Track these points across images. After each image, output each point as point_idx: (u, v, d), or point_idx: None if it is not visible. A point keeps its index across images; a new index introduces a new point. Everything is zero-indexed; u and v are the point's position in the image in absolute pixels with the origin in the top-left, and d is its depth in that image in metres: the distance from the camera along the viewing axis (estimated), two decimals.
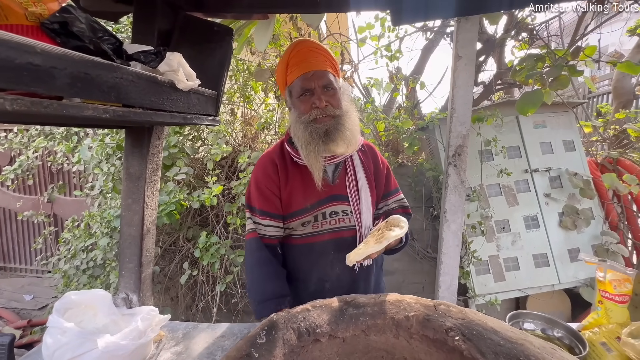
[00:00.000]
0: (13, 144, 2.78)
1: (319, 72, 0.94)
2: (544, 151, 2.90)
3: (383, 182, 1.12)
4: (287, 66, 0.98)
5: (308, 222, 1.04)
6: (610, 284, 1.04)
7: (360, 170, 1.07)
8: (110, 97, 0.57)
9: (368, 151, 1.13)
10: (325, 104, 0.94)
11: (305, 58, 0.95)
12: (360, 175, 1.06)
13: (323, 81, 0.95)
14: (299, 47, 0.98)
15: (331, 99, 0.96)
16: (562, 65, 1.56)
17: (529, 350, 0.57)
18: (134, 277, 1.09)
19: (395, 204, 1.15)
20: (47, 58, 0.45)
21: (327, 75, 0.96)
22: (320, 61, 0.95)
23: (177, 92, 0.74)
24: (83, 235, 2.24)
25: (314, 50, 0.97)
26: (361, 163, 1.08)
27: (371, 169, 1.10)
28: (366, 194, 1.05)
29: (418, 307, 0.74)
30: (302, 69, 0.94)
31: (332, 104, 0.96)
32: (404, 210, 1.15)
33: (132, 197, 1.01)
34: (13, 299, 4.09)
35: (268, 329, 0.66)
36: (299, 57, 0.96)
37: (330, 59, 0.99)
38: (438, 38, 3.45)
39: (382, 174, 1.12)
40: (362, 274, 1.08)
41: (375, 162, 1.12)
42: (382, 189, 1.13)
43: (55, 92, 0.48)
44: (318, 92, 0.94)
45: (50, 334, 0.97)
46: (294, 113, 1.00)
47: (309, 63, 0.94)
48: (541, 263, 2.71)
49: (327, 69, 0.96)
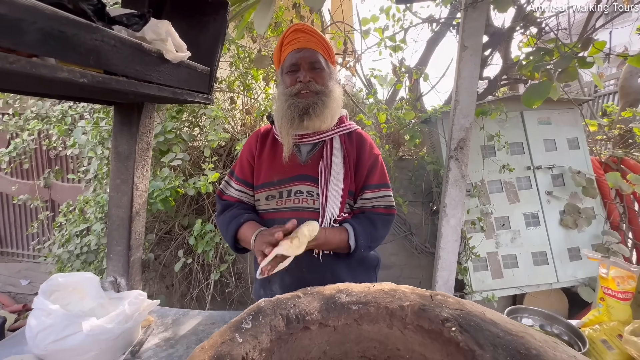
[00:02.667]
0: (9, 126, 2.74)
1: (309, 50, 0.99)
2: (548, 148, 2.85)
3: (365, 172, 1.05)
4: (282, 44, 1.02)
5: (273, 197, 1.04)
6: (613, 281, 1.00)
7: (338, 155, 1.03)
8: (88, 60, 0.52)
9: (355, 138, 1.08)
10: (309, 79, 0.97)
11: (298, 38, 0.99)
12: (337, 159, 1.02)
13: (311, 59, 0.98)
14: (295, 27, 1.02)
15: (316, 76, 0.99)
16: (571, 57, 1.51)
17: (530, 343, 0.53)
18: (122, 261, 1.06)
19: (377, 202, 1.06)
20: (14, 8, 0.41)
21: (316, 54, 0.99)
22: (312, 42, 1.00)
23: (166, 63, 0.70)
24: (77, 220, 2.21)
25: (309, 32, 1.01)
26: (341, 147, 1.04)
27: (352, 156, 1.05)
28: (337, 178, 1.00)
29: (414, 296, 0.71)
30: (294, 45, 0.99)
31: (315, 80, 0.99)
32: (385, 210, 1.06)
33: (121, 178, 0.97)
34: (9, 283, 4.09)
35: (254, 314, 0.63)
36: (293, 36, 1.00)
37: (323, 43, 1.02)
38: (444, 30, 3.38)
39: (365, 164, 1.05)
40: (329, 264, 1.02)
41: (361, 150, 1.06)
42: (363, 180, 1.06)
43: (25, 48, 0.44)
44: (304, 67, 0.98)
45: (35, 315, 0.95)
46: (280, 86, 1.05)
47: (301, 41, 0.99)
48: (540, 261, 2.68)
49: (317, 50, 1.00)
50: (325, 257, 1.02)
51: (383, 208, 1.05)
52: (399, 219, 2.71)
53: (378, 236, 1.02)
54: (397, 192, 2.57)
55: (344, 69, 2.91)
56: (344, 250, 0.99)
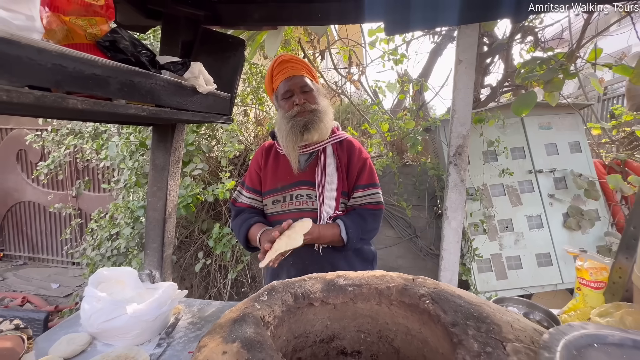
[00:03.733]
0: (46, 142, 3.04)
1: (297, 77, 1.15)
2: (549, 152, 2.93)
3: (355, 174, 1.19)
4: (272, 76, 1.18)
5: (278, 201, 1.20)
6: (587, 272, 1.12)
7: (332, 161, 1.18)
8: (147, 98, 0.72)
9: (346, 145, 1.23)
10: (303, 101, 1.14)
11: (285, 67, 1.16)
12: (330, 165, 1.17)
13: (300, 83, 1.15)
14: (280, 59, 1.18)
15: (308, 97, 1.15)
16: (556, 69, 1.64)
17: (483, 309, 0.68)
18: (157, 256, 1.25)
19: (365, 200, 1.19)
20: (105, 69, 0.60)
21: (304, 79, 1.16)
22: (298, 68, 1.16)
23: (198, 94, 0.89)
24: (108, 226, 2.44)
25: (292, 61, 1.17)
26: (334, 154, 1.19)
27: (344, 161, 1.19)
28: (332, 181, 1.15)
29: (399, 279, 0.86)
30: (284, 74, 1.15)
31: (308, 100, 1.15)
32: (373, 206, 1.19)
33: (157, 186, 1.17)
34: (41, 286, 4.40)
35: (269, 291, 0.79)
36: (281, 66, 1.16)
37: (306, 67, 1.19)
38: (445, 41, 3.53)
39: (355, 167, 1.19)
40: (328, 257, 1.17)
41: (351, 155, 1.21)
42: (354, 181, 1.20)
43: (109, 95, 0.63)
44: (297, 92, 1.14)
45: (87, 301, 1.14)
46: (280, 112, 1.20)
47: (289, 70, 1.15)
48: (544, 262, 2.75)
49: (303, 74, 1.16)
50: (325, 251, 1.17)
51: (371, 204, 1.18)
52: (404, 222, 2.84)
53: (368, 228, 1.15)
54: (402, 196, 2.70)
55: (348, 82, 3.10)
56: (339, 243, 1.12)
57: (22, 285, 4.44)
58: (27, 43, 0.47)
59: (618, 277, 1.13)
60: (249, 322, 0.63)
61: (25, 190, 4.96)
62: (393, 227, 2.87)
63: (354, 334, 0.92)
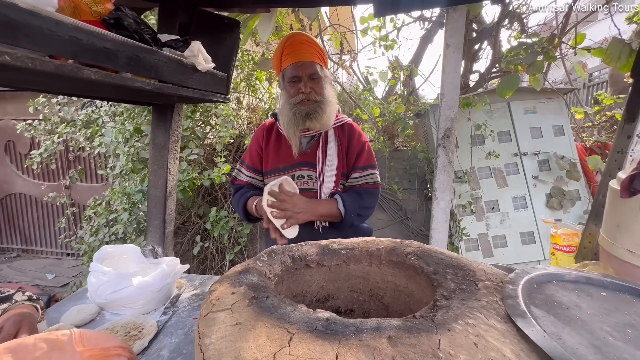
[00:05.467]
0: (37, 131, 3.02)
1: (307, 63, 1.12)
2: (534, 136, 3.05)
3: (354, 156, 1.23)
4: (282, 54, 1.16)
5: None
6: (559, 237, 1.22)
7: (333, 144, 1.21)
8: (151, 74, 0.76)
9: (347, 129, 1.26)
10: (309, 90, 1.13)
11: (297, 49, 1.13)
12: (331, 147, 1.21)
13: (309, 70, 1.12)
14: (293, 38, 1.15)
15: (315, 86, 1.14)
16: (537, 52, 1.72)
17: (461, 261, 0.76)
18: (159, 232, 1.30)
19: (363, 180, 1.23)
20: (114, 43, 0.65)
21: (313, 65, 1.13)
22: (309, 53, 1.13)
23: (197, 72, 0.94)
24: (104, 212, 2.47)
25: (305, 43, 1.14)
26: (335, 137, 1.23)
27: (344, 144, 1.23)
28: (332, 163, 1.19)
29: (387, 242, 0.94)
30: (294, 58, 1.12)
31: (315, 90, 1.14)
32: (370, 186, 1.23)
33: (157, 164, 1.22)
34: (37, 277, 4.41)
35: (269, 253, 0.87)
36: (292, 47, 1.13)
37: (318, 51, 1.16)
38: (435, 28, 3.58)
39: (354, 150, 1.23)
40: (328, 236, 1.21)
41: (351, 138, 1.24)
42: (352, 163, 1.23)
43: (117, 68, 0.68)
44: (304, 79, 1.12)
45: (94, 275, 1.20)
46: (284, 95, 1.20)
47: (300, 54, 1.12)
48: (528, 240, 2.89)
49: (314, 60, 1.14)
50: (325, 229, 1.22)
51: (369, 184, 1.23)
52: (395, 204, 2.94)
53: (365, 205, 1.19)
54: (393, 179, 2.79)
55: (340, 68, 3.13)
56: (337, 217, 1.18)
57: (17, 277, 4.44)
58: (47, 15, 0.51)
59: (588, 242, 1.23)
60: (252, 273, 0.70)
61: (16, 182, 4.91)
62: (385, 209, 2.97)
63: (348, 293, 1.01)
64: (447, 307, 0.53)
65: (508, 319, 0.49)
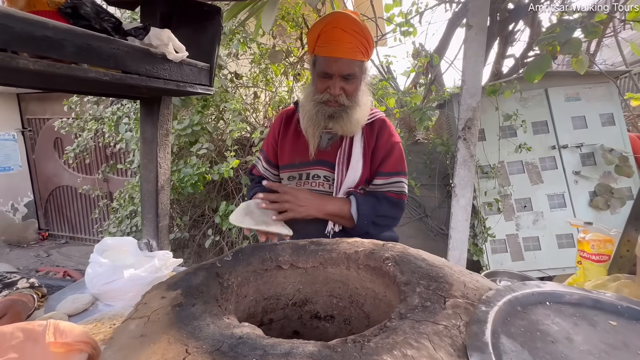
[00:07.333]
0: (72, 128, 3.25)
1: (344, 61, 0.94)
2: (576, 126, 2.70)
3: (379, 159, 1.06)
4: (318, 36, 0.97)
5: (294, 178, 1.12)
6: (588, 244, 1.03)
7: (358, 144, 1.05)
8: (109, 63, 0.74)
9: (377, 125, 1.08)
10: (339, 92, 0.97)
11: (336, 39, 0.94)
12: (357, 148, 1.05)
13: (344, 70, 0.95)
14: (332, 26, 0.95)
15: (348, 87, 0.98)
16: (573, 27, 1.48)
17: (442, 271, 0.65)
18: (152, 226, 1.31)
19: (387, 187, 1.06)
20: (57, 32, 0.62)
21: (351, 65, 0.95)
22: (350, 47, 0.94)
23: (169, 62, 0.90)
24: (126, 204, 2.60)
25: (348, 32, 0.94)
26: (361, 138, 1.06)
27: (371, 145, 1.06)
28: (357, 166, 1.04)
29: (368, 244, 0.84)
30: (330, 51, 0.95)
31: (346, 92, 0.98)
32: (395, 195, 1.05)
33: (147, 158, 1.22)
34: (80, 263, 4.83)
35: (235, 252, 0.81)
36: (329, 37, 0.95)
37: (362, 43, 0.96)
38: (463, 11, 3.29)
39: (380, 151, 1.06)
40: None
41: (379, 136, 1.07)
42: (377, 166, 1.06)
43: (65, 58, 0.65)
44: (336, 78, 0.96)
45: (91, 266, 1.24)
46: (310, 87, 1.05)
47: (338, 47, 0.94)
48: (566, 244, 2.58)
49: (354, 57, 0.95)
50: (336, 235, 1.07)
51: (393, 193, 1.05)
52: (414, 201, 2.77)
53: (383, 213, 1.03)
54: (411, 175, 2.63)
55: None
56: (348, 221, 1.02)
57: (64, 261, 4.90)
58: None
59: (626, 251, 1.03)
60: (199, 275, 0.65)
61: (63, 175, 5.39)
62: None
63: (327, 298, 0.93)
64: (393, 330, 0.43)
65: (463, 353, 0.38)
